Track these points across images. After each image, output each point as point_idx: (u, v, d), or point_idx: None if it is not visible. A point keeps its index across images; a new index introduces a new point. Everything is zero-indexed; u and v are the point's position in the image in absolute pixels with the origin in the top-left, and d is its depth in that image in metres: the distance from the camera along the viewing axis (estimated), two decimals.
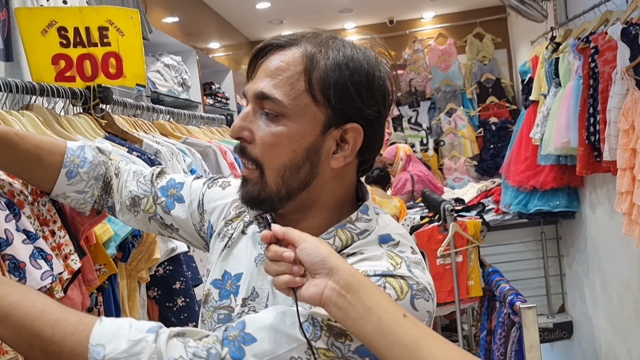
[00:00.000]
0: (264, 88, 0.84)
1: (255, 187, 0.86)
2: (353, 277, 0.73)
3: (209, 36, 4.75)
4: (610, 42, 2.78)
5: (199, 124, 2.74)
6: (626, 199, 2.52)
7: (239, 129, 0.86)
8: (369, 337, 0.72)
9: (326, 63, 0.83)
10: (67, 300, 1.08)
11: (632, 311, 3.15)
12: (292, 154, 0.84)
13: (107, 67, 1.63)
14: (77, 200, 1.08)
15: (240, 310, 0.89)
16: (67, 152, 1.06)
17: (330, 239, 0.86)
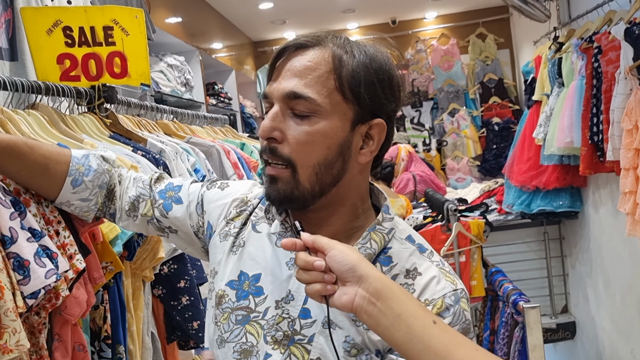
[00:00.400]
0: (295, 87, 0.85)
1: (288, 186, 0.87)
2: (382, 285, 0.75)
3: (211, 36, 4.76)
4: (613, 42, 2.77)
5: (202, 124, 2.75)
6: (630, 198, 2.52)
7: (269, 129, 0.86)
8: (399, 344, 0.73)
9: (354, 62, 0.86)
10: (72, 298, 1.08)
11: (636, 311, 3.14)
12: (326, 150, 0.87)
13: (111, 66, 1.63)
14: (80, 208, 1.09)
15: (275, 312, 0.90)
16: (72, 160, 1.06)
17: (366, 243, 0.89)
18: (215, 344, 0.95)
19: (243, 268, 0.95)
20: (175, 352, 1.61)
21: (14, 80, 1.31)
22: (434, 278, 0.88)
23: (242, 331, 0.91)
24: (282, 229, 0.94)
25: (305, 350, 0.88)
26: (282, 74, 0.87)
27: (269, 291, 0.92)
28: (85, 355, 1.14)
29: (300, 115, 0.86)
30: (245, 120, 5.50)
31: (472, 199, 4.66)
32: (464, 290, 0.89)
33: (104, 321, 1.25)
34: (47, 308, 1.04)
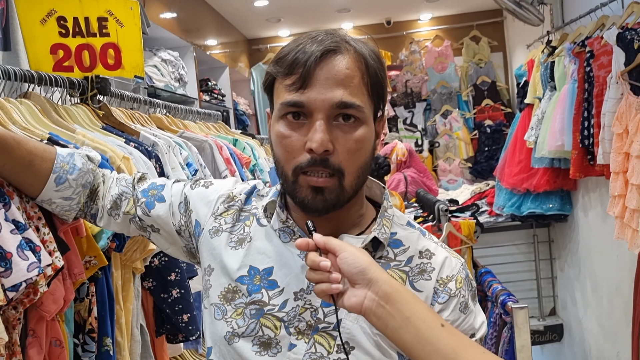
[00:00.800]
0: (343, 97, 0.86)
1: (332, 195, 0.88)
2: (391, 288, 0.77)
3: (206, 33, 4.75)
4: (605, 47, 2.80)
5: (196, 119, 2.74)
6: (619, 202, 2.54)
7: (326, 142, 0.85)
8: (408, 346, 0.75)
9: (372, 64, 0.90)
10: (48, 294, 1.07)
11: (623, 314, 3.17)
12: (367, 154, 0.90)
13: (105, 58, 1.63)
14: (62, 207, 1.08)
15: (295, 303, 0.92)
16: (57, 158, 1.06)
17: (381, 229, 0.93)
18: (223, 341, 0.94)
19: (252, 263, 0.96)
20: (163, 345, 1.60)
21: (6, 68, 1.30)
22: (446, 257, 0.95)
23: (258, 324, 0.92)
24: (284, 225, 0.96)
25: (331, 337, 0.90)
26: (320, 82, 0.86)
27: (284, 284, 0.93)
28: (61, 351, 1.13)
29: (349, 123, 0.87)
30: (238, 117, 5.49)
31: (463, 200, 4.68)
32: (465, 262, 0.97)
33: (88, 314, 1.24)
34: (25, 303, 1.02)
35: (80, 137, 1.36)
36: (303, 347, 0.90)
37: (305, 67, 0.85)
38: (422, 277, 0.93)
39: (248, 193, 1.03)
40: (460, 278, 0.93)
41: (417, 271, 0.93)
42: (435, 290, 0.92)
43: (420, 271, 0.93)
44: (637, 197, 2.37)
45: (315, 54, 0.86)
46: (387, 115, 5.94)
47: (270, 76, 0.92)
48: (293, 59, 0.87)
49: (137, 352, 1.42)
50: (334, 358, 0.89)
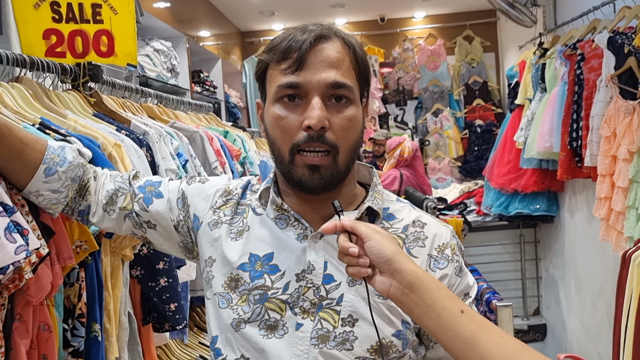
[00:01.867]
0: (337, 78, 0.92)
1: (328, 172, 0.94)
2: (415, 278, 0.82)
3: (199, 24, 4.73)
4: (596, 50, 2.82)
5: (187, 110, 2.73)
6: (605, 204, 2.57)
7: (323, 119, 0.91)
8: (431, 331, 0.81)
9: (359, 51, 0.96)
10: (35, 279, 1.06)
11: (605, 315, 3.21)
12: (357, 133, 0.96)
13: (98, 44, 1.62)
14: (49, 199, 1.07)
15: (297, 284, 0.96)
16: (48, 149, 1.05)
17: (374, 200, 1.00)
18: (230, 328, 0.97)
19: (252, 250, 0.99)
20: (150, 334, 1.60)
21: None
22: (437, 225, 1.03)
23: (263, 309, 0.96)
24: (279, 213, 1.00)
25: (335, 312, 0.95)
26: (315, 64, 0.92)
27: (285, 267, 0.97)
28: (50, 336, 1.12)
29: (342, 103, 0.93)
30: (230, 109, 5.47)
31: (451, 198, 4.71)
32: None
33: (78, 299, 1.24)
34: (10, 289, 1.01)
35: (72, 122, 1.36)
36: (309, 325, 0.94)
37: (300, 51, 0.92)
38: (417, 244, 1.00)
39: (243, 187, 1.07)
40: (453, 244, 1.02)
41: (412, 238, 1.00)
42: (435, 257, 0.99)
43: (415, 239, 1.00)
44: (623, 200, 2.40)
45: (309, 39, 0.92)
46: (378, 112, 5.95)
47: (263, 64, 0.97)
48: (287, 46, 0.93)
49: (125, 339, 1.42)
50: (339, 332, 0.94)
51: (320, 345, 0.93)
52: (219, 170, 2.19)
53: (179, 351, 2.17)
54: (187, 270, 1.75)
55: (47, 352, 1.14)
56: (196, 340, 2.33)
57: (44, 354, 1.14)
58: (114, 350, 1.35)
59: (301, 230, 0.98)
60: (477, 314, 0.82)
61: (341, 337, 0.93)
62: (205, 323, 2.45)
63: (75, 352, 1.23)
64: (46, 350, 1.14)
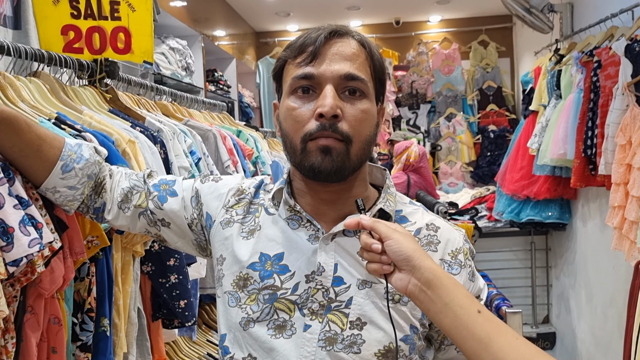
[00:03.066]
0: (351, 69, 0.93)
1: (339, 158, 0.93)
2: (433, 275, 0.82)
3: (215, 23, 4.75)
4: (613, 57, 2.80)
5: (201, 109, 2.75)
6: (618, 213, 2.55)
7: (335, 107, 0.92)
8: (447, 329, 0.81)
9: (375, 52, 0.98)
10: (48, 273, 1.07)
11: (616, 325, 3.18)
12: (372, 128, 0.97)
13: (115, 41, 1.63)
14: (66, 196, 1.08)
15: (306, 286, 0.96)
16: (65, 146, 1.06)
17: (386, 202, 1.00)
18: (238, 327, 0.98)
19: (263, 250, 1.00)
20: (159, 330, 1.61)
21: (17, 46, 1.31)
22: (450, 230, 1.02)
23: (272, 309, 0.97)
24: (292, 213, 1.00)
25: (344, 315, 0.95)
26: (328, 57, 0.94)
27: (295, 268, 0.97)
28: (59, 329, 1.13)
29: (356, 96, 0.94)
30: (243, 109, 5.49)
31: (463, 203, 4.69)
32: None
33: (88, 293, 1.25)
34: (22, 281, 1.03)
35: (87, 118, 1.37)
36: (317, 326, 0.95)
37: (315, 44, 0.94)
38: (430, 248, 1.00)
39: (257, 187, 1.08)
40: (465, 249, 1.02)
41: (425, 242, 1.00)
42: (448, 262, 0.99)
43: (427, 242, 1.00)
44: (637, 209, 2.38)
45: (324, 33, 0.94)
46: (392, 115, 5.94)
47: (281, 61, 0.99)
48: (302, 42, 0.96)
49: (134, 334, 1.43)
50: (347, 334, 0.94)
51: (328, 348, 0.93)
52: (231, 169, 2.20)
53: (187, 348, 2.17)
54: (197, 267, 1.76)
55: (56, 345, 1.15)
56: (204, 338, 2.34)
57: (53, 346, 1.15)
58: (122, 345, 1.35)
59: (313, 232, 0.99)
60: (494, 315, 0.82)
61: (349, 340, 0.94)
62: (213, 321, 2.46)
63: (83, 346, 1.24)
64: (55, 343, 1.15)
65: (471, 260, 1.02)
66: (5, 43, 1.28)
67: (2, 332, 1.03)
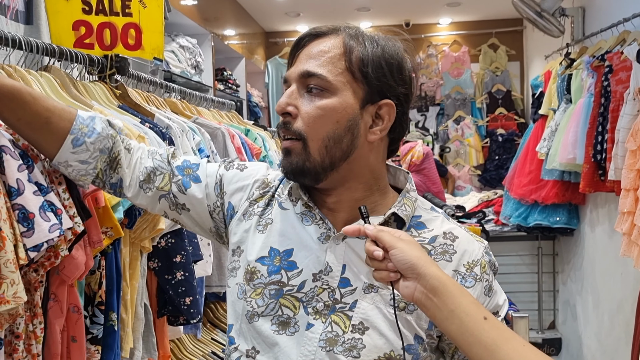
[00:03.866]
0: (309, 67, 0.94)
1: (300, 158, 0.94)
2: (439, 282, 0.82)
3: (225, 23, 4.76)
4: (625, 62, 2.78)
5: (209, 107, 2.75)
6: (627, 219, 2.53)
7: (285, 105, 0.94)
8: (453, 336, 0.81)
9: (363, 47, 0.94)
10: (71, 259, 1.08)
11: (623, 333, 3.15)
12: (335, 124, 0.94)
13: (126, 37, 1.63)
14: (78, 170, 1.06)
15: (313, 284, 0.96)
16: (77, 119, 1.05)
17: (402, 207, 0.97)
18: (244, 319, 0.98)
19: (273, 244, 1.00)
20: (164, 326, 1.61)
21: (28, 40, 1.31)
22: (469, 241, 0.98)
23: (277, 304, 0.96)
24: (306, 209, 1.00)
25: (347, 317, 0.94)
26: (300, 58, 0.96)
27: (303, 265, 0.97)
28: (79, 317, 1.15)
29: (314, 93, 0.93)
30: (251, 108, 5.50)
31: (470, 207, 4.67)
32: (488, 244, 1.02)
33: (99, 287, 1.26)
34: (46, 266, 1.04)
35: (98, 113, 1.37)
36: (320, 326, 0.94)
37: (294, 48, 0.98)
38: (444, 257, 0.96)
39: (281, 180, 1.06)
40: (484, 262, 0.97)
41: (440, 251, 0.97)
42: (462, 274, 0.96)
43: (442, 252, 0.97)
44: None
45: (303, 36, 0.97)
46: None
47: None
48: (294, 43, 0.99)
49: (140, 330, 1.43)
50: (348, 337, 0.93)
51: (328, 348, 0.93)
52: None
53: (192, 346, 2.17)
54: (204, 265, 1.76)
55: (75, 334, 1.16)
56: (209, 336, 2.34)
57: (72, 335, 1.16)
58: (129, 340, 1.36)
59: (324, 230, 0.98)
60: (500, 322, 0.81)
61: (349, 343, 0.93)
62: (218, 319, 2.46)
63: (94, 339, 1.24)
64: (75, 332, 1.16)
65: (490, 274, 0.98)
66: (17, 37, 1.28)
67: (31, 317, 1.04)
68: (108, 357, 1.27)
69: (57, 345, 1.10)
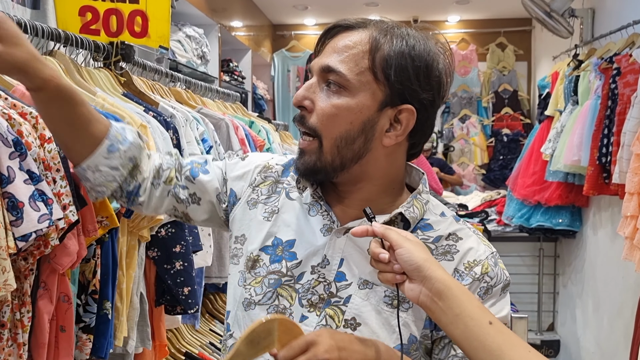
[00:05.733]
0: (330, 62, 0.90)
1: (312, 157, 0.92)
2: (444, 286, 0.81)
3: (232, 14, 4.74)
4: (633, 65, 2.76)
5: (214, 98, 2.74)
6: (630, 222, 2.51)
7: (302, 98, 0.92)
8: (457, 340, 0.80)
9: (390, 46, 0.90)
10: (62, 248, 1.07)
11: (622, 337, 3.14)
12: (349, 125, 0.91)
13: (132, 25, 1.62)
14: (106, 176, 1.03)
15: (311, 277, 0.96)
16: (112, 127, 1.04)
17: (410, 208, 0.95)
18: (240, 306, 0.98)
19: (277, 234, 0.99)
20: (161, 315, 1.61)
21: (34, 24, 1.30)
22: (475, 242, 0.97)
23: (275, 294, 0.96)
24: (313, 200, 0.99)
25: (341, 311, 0.94)
26: (325, 50, 0.93)
27: (303, 257, 0.97)
28: (69, 307, 1.14)
29: (332, 89, 0.91)
30: (256, 101, 5.48)
31: (473, 206, 4.66)
32: (497, 253, 0.99)
33: (93, 275, 1.25)
34: (35, 255, 1.03)
35: (100, 100, 1.37)
36: (314, 319, 0.94)
37: (321, 38, 0.95)
38: (445, 257, 0.95)
39: (285, 165, 1.06)
40: (487, 264, 0.95)
41: (442, 251, 0.96)
42: (460, 272, 0.94)
43: (444, 252, 0.95)
44: None
45: (331, 26, 0.94)
46: None
47: None
48: (321, 33, 0.96)
49: (135, 319, 1.43)
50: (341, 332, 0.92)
51: None
52: None
53: (190, 336, 2.18)
54: (204, 255, 1.75)
55: (65, 324, 1.15)
56: (207, 327, 2.34)
57: (61, 325, 1.15)
58: (123, 329, 1.35)
59: (328, 222, 0.97)
60: (506, 327, 0.80)
61: None
62: (217, 310, 2.46)
63: (86, 327, 1.24)
64: (64, 322, 1.15)
65: (491, 279, 0.95)
66: (22, 21, 1.28)
67: (19, 306, 1.03)
68: (101, 344, 1.26)
69: (45, 335, 1.09)
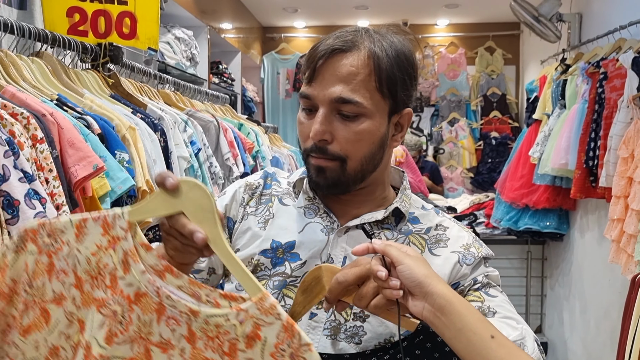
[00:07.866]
0: (342, 93, 0.92)
1: (334, 174, 0.96)
2: (446, 301, 0.82)
3: (222, 16, 4.73)
4: (620, 70, 2.79)
5: (203, 100, 2.74)
6: (617, 226, 2.54)
7: (322, 133, 0.93)
8: (461, 355, 0.81)
9: (388, 62, 0.93)
10: None
11: (609, 339, 3.17)
12: (372, 145, 0.96)
13: (121, 26, 1.61)
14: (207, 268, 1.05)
15: None
16: None
17: (402, 202, 1.02)
18: None
19: (275, 237, 1.02)
20: None
21: (20, 25, 1.29)
22: (458, 229, 1.05)
23: (280, 295, 0.99)
24: (309, 203, 1.03)
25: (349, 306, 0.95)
26: (326, 78, 0.93)
27: (306, 257, 0.99)
28: None
29: (350, 117, 0.93)
30: (246, 103, 5.47)
31: (461, 209, 4.68)
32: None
33: None
34: None
35: (88, 102, 1.36)
36: (323, 315, 0.97)
37: (314, 62, 0.94)
38: (439, 245, 1.02)
39: (264, 177, 1.09)
40: (476, 245, 1.04)
41: (434, 240, 1.02)
42: (462, 253, 1.01)
43: (436, 240, 1.02)
44: (636, 223, 2.36)
45: (326, 50, 0.93)
46: None
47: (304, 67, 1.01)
48: (310, 54, 0.96)
49: None
50: (350, 325, 0.96)
51: (332, 337, 0.96)
52: (231, 162, 2.19)
53: None
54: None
55: None
56: None
57: None
58: None
59: (328, 223, 1.01)
60: (508, 340, 0.82)
61: (351, 330, 0.96)
62: None
63: None
64: None
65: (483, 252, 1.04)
66: (9, 21, 1.26)
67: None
68: None
69: None
